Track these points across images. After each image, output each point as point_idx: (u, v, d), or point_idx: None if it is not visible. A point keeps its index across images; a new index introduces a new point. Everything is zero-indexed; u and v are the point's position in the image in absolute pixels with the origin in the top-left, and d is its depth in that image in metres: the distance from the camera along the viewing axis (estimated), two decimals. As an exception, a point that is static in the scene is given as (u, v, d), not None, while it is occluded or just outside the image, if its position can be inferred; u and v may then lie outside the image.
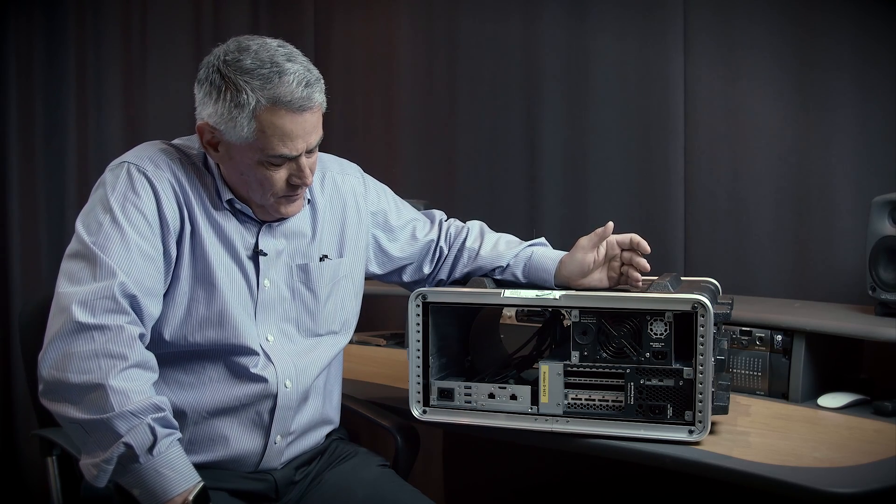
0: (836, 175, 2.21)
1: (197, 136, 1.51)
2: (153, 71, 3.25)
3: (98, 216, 1.42)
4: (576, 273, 1.66)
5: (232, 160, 1.47)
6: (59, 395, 1.33)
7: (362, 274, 1.73)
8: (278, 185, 1.47)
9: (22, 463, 3.24)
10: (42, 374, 1.34)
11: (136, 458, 1.30)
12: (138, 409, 1.31)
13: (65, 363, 1.32)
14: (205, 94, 1.47)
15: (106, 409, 1.29)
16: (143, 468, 1.31)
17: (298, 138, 1.44)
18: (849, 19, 2.17)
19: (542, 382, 1.56)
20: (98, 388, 1.30)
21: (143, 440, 1.31)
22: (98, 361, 1.31)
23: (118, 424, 1.29)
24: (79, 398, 1.31)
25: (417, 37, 2.95)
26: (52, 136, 3.27)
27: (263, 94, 1.40)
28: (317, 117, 1.47)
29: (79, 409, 1.31)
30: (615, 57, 2.54)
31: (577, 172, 2.62)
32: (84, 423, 1.31)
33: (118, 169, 1.47)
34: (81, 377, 1.31)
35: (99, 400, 1.30)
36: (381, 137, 3.04)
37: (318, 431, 1.66)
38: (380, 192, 1.78)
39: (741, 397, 1.84)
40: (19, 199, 3.25)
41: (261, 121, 1.41)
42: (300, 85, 1.41)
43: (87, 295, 1.34)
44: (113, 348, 1.33)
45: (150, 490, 1.32)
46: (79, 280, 1.36)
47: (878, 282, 1.88)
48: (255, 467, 1.56)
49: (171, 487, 1.32)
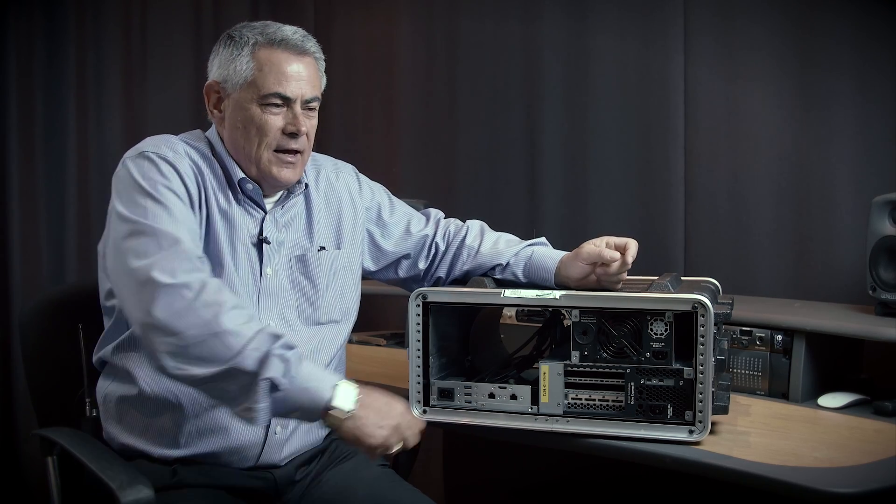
0: (836, 175, 2.21)
1: (198, 132, 1.60)
2: (153, 71, 3.25)
3: (138, 200, 1.45)
4: (577, 275, 1.66)
5: (233, 113, 1.55)
6: (180, 358, 1.33)
7: (360, 267, 1.77)
8: (273, 130, 1.54)
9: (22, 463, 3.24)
10: (159, 347, 1.34)
11: (278, 387, 1.32)
12: (259, 343, 1.33)
13: (174, 324, 1.33)
14: (213, 55, 1.59)
15: (230, 355, 1.32)
16: (289, 392, 1.33)
17: (293, 80, 1.53)
18: (849, 19, 2.17)
19: (543, 382, 1.56)
20: (213, 337, 1.32)
21: (278, 369, 1.32)
22: (201, 312, 1.34)
23: (247, 364, 1.31)
24: (199, 353, 1.33)
25: (417, 37, 2.95)
26: (52, 136, 3.26)
27: (262, 36, 1.54)
28: (313, 69, 1.58)
29: (205, 364, 1.33)
30: (615, 57, 2.54)
31: (577, 172, 2.62)
32: (217, 376, 1.32)
33: (140, 159, 1.50)
34: (194, 330, 1.33)
35: (219, 347, 1.32)
36: (381, 137, 3.04)
37: (318, 429, 1.66)
38: (374, 189, 1.82)
39: (741, 397, 1.84)
40: (19, 199, 3.24)
41: (259, 58, 1.53)
42: (296, 34, 1.57)
43: (162, 261, 1.37)
44: (207, 298, 1.35)
45: (305, 407, 1.35)
46: (146, 253, 1.39)
47: (878, 282, 1.88)
48: (255, 461, 1.56)
49: (321, 395, 1.35)
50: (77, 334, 1.66)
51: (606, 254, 1.59)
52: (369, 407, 1.38)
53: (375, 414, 1.38)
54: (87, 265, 3.23)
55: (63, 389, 1.70)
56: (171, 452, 1.51)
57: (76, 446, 1.48)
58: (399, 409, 1.43)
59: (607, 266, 1.60)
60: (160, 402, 1.51)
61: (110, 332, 1.57)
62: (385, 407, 1.41)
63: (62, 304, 1.77)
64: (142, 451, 1.52)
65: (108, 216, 1.52)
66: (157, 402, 1.51)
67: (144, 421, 1.52)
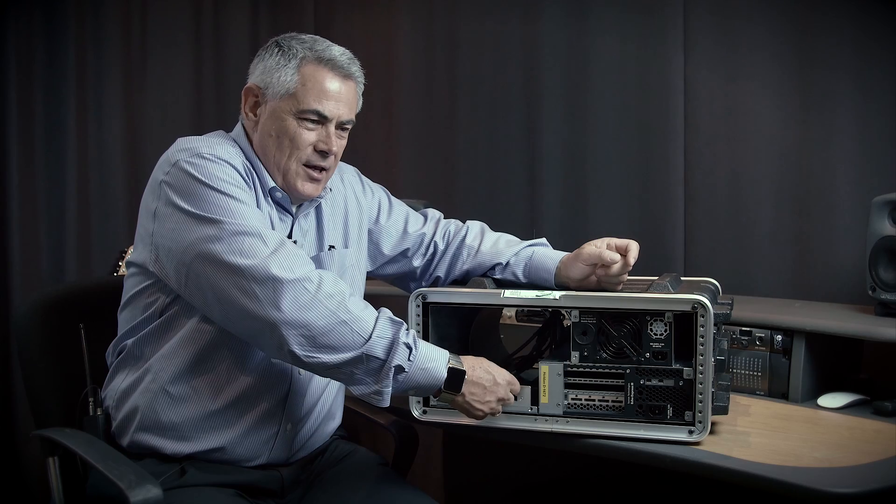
0: (836, 175, 2.21)
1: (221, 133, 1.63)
2: (153, 71, 3.25)
3: (213, 199, 1.46)
4: (577, 276, 1.66)
5: (268, 120, 1.57)
6: (312, 348, 1.41)
7: (365, 265, 1.79)
8: (305, 145, 1.56)
9: (22, 463, 3.24)
10: (290, 340, 1.40)
11: (403, 369, 1.43)
12: (383, 330, 1.43)
13: (303, 317, 1.39)
14: (258, 60, 1.61)
15: (360, 342, 1.41)
16: (411, 373, 1.44)
17: (333, 100, 1.57)
18: (849, 19, 2.17)
19: (542, 383, 1.56)
20: (342, 325, 1.40)
21: (404, 355, 1.43)
22: (326, 302, 1.41)
23: (377, 350, 1.42)
24: (328, 341, 1.40)
25: (417, 37, 2.95)
26: (52, 136, 3.26)
27: (311, 52, 1.56)
28: (353, 93, 1.61)
29: (335, 352, 1.41)
30: (615, 57, 2.54)
31: (577, 172, 2.62)
32: (349, 362, 1.41)
33: (199, 160, 1.49)
34: (322, 320, 1.40)
35: (348, 334, 1.41)
36: (381, 137, 3.04)
37: (324, 426, 1.69)
38: (374, 190, 1.85)
39: (741, 397, 1.84)
40: (19, 199, 3.24)
41: (303, 73, 1.55)
42: (344, 55, 1.60)
43: (276, 259, 1.41)
44: (329, 289, 1.42)
45: (421, 385, 1.47)
46: (254, 253, 1.41)
47: (878, 282, 1.88)
48: (266, 458, 1.57)
49: (438, 374, 1.47)
50: (77, 334, 1.65)
51: (607, 255, 1.59)
52: (476, 384, 1.51)
53: (482, 390, 1.51)
54: (86, 265, 3.23)
55: (62, 389, 1.69)
56: (184, 447, 1.52)
57: (82, 446, 1.47)
58: (503, 380, 1.54)
59: (608, 267, 1.60)
60: (177, 396, 1.51)
61: (137, 325, 1.57)
62: (489, 382, 1.52)
63: (62, 303, 1.77)
64: (153, 448, 1.53)
65: (151, 214, 1.50)
66: (174, 395, 1.51)
67: (159, 415, 1.52)
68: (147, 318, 1.56)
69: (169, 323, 1.53)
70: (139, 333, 1.56)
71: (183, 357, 1.52)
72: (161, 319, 1.54)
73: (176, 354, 1.52)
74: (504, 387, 1.54)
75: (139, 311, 1.57)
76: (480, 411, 1.52)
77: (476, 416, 1.54)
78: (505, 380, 1.54)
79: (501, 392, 1.53)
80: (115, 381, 1.59)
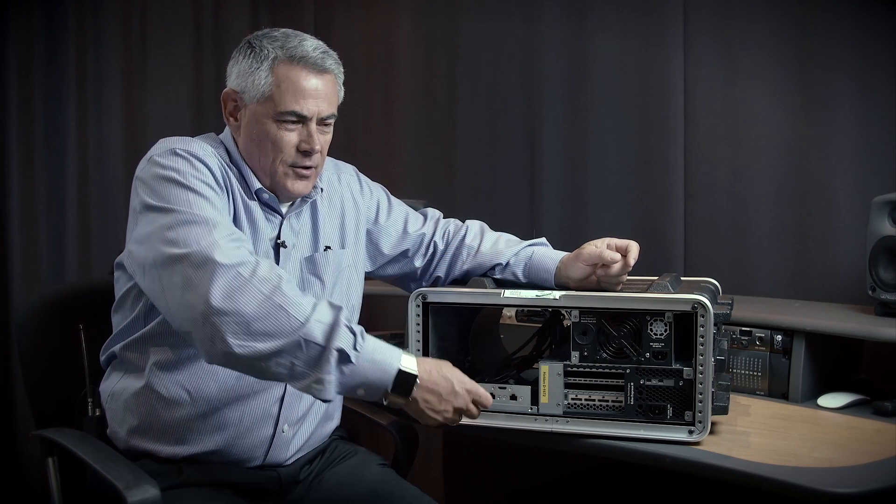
0: (836, 175, 2.21)
1: (212, 135, 1.61)
2: (153, 71, 3.25)
3: (175, 192, 1.43)
4: (577, 276, 1.66)
5: (249, 125, 1.55)
6: (246, 336, 1.31)
7: (363, 265, 1.78)
8: (288, 147, 1.54)
9: (22, 463, 3.24)
10: (223, 328, 1.30)
11: (348, 358, 1.31)
12: (322, 314, 1.32)
13: (234, 301, 1.31)
14: (233, 62, 1.58)
15: (296, 325, 1.30)
16: (358, 364, 1.32)
17: (310, 98, 1.53)
18: (849, 19, 2.17)
19: (542, 382, 1.56)
20: (276, 309, 1.31)
21: (347, 339, 1.32)
22: (260, 287, 1.32)
23: (315, 334, 1.30)
24: (263, 327, 1.30)
25: (417, 37, 2.95)
26: (52, 136, 3.26)
27: (283, 51, 1.52)
28: (331, 86, 1.57)
29: (271, 338, 1.30)
30: (615, 57, 2.54)
31: (577, 172, 2.62)
32: (285, 349, 1.30)
33: (171, 156, 1.48)
34: (254, 306, 1.31)
35: (283, 318, 1.31)
36: (381, 137, 3.04)
37: (322, 427, 1.68)
38: (373, 189, 1.83)
39: (741, 397, 1.84)
40: (19, 199, 3.24)
41: (277, 74, 1.51)
42: (317, 50, 1.54)
43: (216, 244, 1.35)
44: (264, 274, 1.34)
45: (373, 383, 1.34)
46: (197, 239, 1.37)
47: (878, 282, 1.88)
48: (262, 459, 1.57)
49: (389, 370, 1.35)
50: (77, 334, 1.65)
51: (607, 255, 1.59)
52: (430, 390, 1.39)
53: (436, 398, 1.40)
54: (86, 265, 3.23)
55: (62, 389, 1.69)
56: (179, 450, 1.51)
57: (80, 447, 1.47)
58: (462, 389, 1.42)
59: (608, 267, 1.60)
60: (170, 400, 1.51)
61: (126, 328, 1.56)
62: (446, 390, 1.41)
63: (61, 303, 1.77)
64: (148, 451, 1.52)
65: (134, 213, 1.49)
66: (168, 399, 1.51)
67: (153, 418, 1.51)
68: (134, 320, 1.55)
69: (158, 326, 1.51)
70: (130, 336, 1.55)
71: (174, 360, 1.50)
72: (150, 323, 1.52)
73: (167, 357, 1.51)
74: (463, 396, 1.42)
75: (127, 313, 1.56)
76: (434, 420, 1.41)
77: (428, 424, 1.43)
78: (465, 388, 1.43)
79: (460, 402, 1.42)
80: (108, 382, 1.59)
